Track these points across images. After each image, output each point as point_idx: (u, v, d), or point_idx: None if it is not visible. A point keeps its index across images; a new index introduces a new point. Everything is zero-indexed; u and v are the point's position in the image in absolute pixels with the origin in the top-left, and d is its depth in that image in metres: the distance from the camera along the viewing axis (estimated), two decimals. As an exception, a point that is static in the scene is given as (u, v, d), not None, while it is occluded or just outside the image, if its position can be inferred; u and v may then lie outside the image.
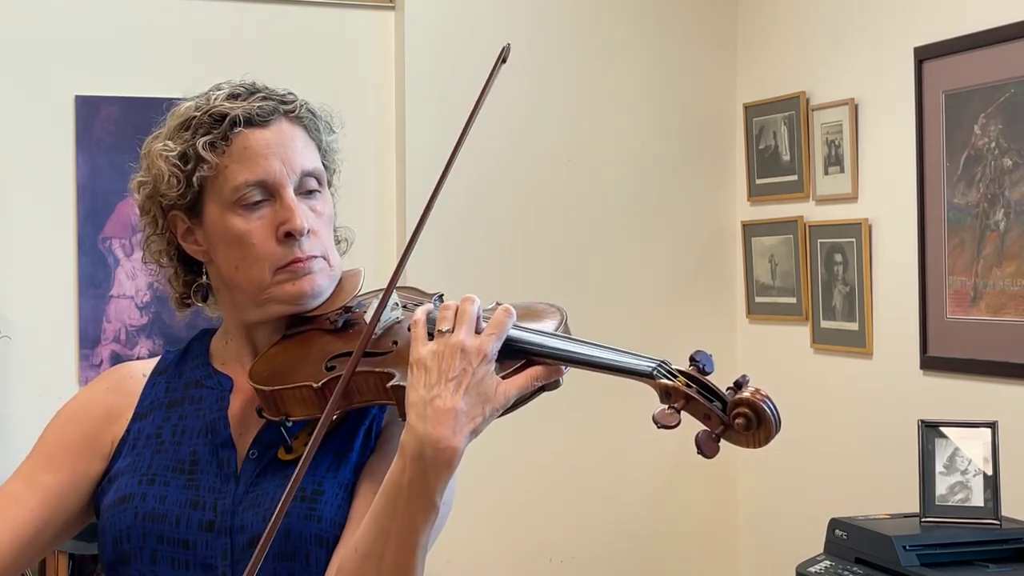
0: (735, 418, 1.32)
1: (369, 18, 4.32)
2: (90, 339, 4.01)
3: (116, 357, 4.00)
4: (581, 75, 4.43)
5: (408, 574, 1.39)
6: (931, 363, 3.71)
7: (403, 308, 1.55)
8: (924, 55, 3.70)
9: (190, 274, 1.62)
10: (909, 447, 3.33)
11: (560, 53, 4.41)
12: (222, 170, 1.53)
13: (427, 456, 1.35)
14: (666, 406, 1.34)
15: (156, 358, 1.68)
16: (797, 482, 4.27)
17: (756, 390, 1.32)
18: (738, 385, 1.34)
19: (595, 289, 4.42)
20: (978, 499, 3.09)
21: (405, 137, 4.23)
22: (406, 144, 4.22)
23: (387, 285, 1.45)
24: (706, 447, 1.32)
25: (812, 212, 4.19)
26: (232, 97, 1.57)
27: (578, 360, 1.40)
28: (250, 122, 1.54)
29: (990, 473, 3.09)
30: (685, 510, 4.53)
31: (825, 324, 4.14)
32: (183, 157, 1.54)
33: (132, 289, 4.05)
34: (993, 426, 3.11)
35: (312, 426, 1.50)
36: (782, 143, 4.30)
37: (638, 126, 4.49)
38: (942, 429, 3.15)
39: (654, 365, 1.36)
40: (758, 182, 4.43)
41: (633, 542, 4.48)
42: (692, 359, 1.36)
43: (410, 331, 1.43)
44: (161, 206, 1.58)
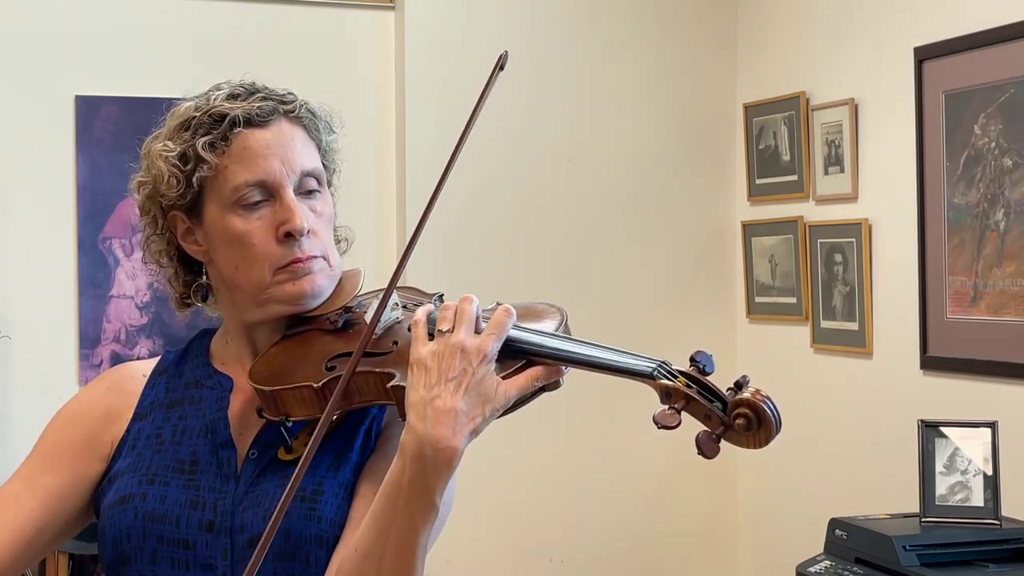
0: (735, 419, 1.32)
1: (369, 18, 4.31)
2: (90, 339, 4.01)
3: (116, 357, 4.00)
4: (581, 75, 4.43)
5: (408, 574, 1.39)
6: (931, 363, 3.71)
7: (403, 308, 1.54)
8: (924, 55, 3.70)
9: (190, 274, 1.62)
10: (909, 447, 3.33)
11: (560, 53, 4.41)
12: (222, 170, 1.53)
13: (427, 456, 1.35)
14: (666, 407, 1.34)
15: (156, 358, 1.68)
16: (797, 482, 4.27)
17: (756, 391, 1.32)
18: (738, 386, 1.34)
19: (595, 289, 4.42)
20: (978, 499, 3.09)
21: (405, 137, 4.23)
22: (406, 144, 4.22)
23: (387, 285, 1.45)
24: (706, 447, 1.32)
25: (812, 212, 4.19)
26: (232, 97, 1.57)
27: (578, 360, 1.40)
28: (250, 122, 1.54)
29: (990, 473, 3.09)
30: (685, 510, 4.53)
31: (825, 324, 4.14)
32: (183, 157, 1.54)
33: (132, 289, 4.05)
34: (993, 426, 3.11)
35: (312, 426, 1.50)
36: (782, 143, 4.30)
37: (638, 126, 4.49)
38: (942, 429, 3.15)
39: (654, 365, 1.36)
40: (758, 182, 4.43)
41: (633, 542, 4.48)
42: (692, 359, 1.36)
43: (410, 331, 1.43)
44: (161, 206, 1.58)
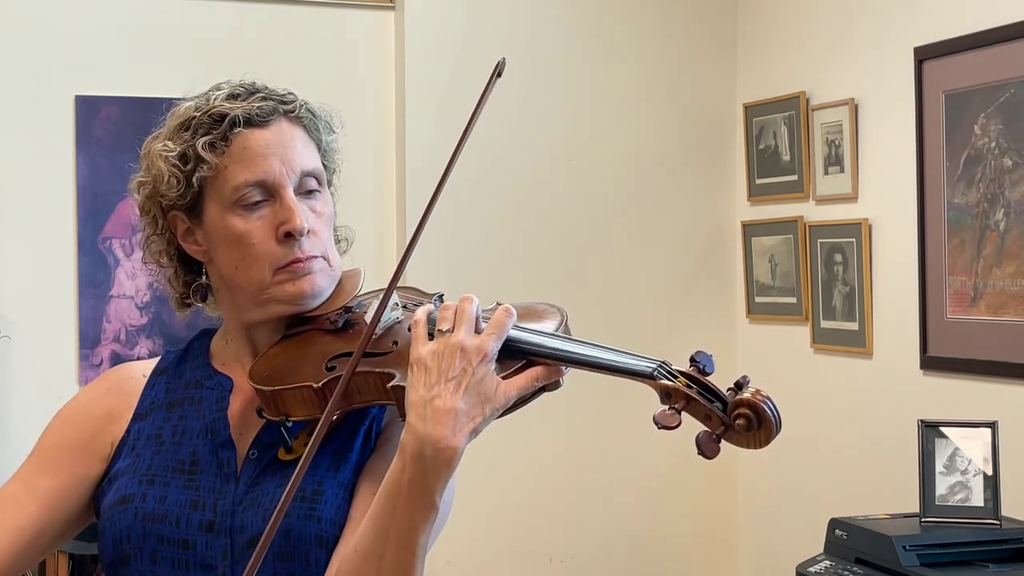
0: (736, 419, 1.32)
1: (369, 18, 4.31)
2: (90, 339, 4.01)
3: (116, 357, 4.00)
4: (581, 75, 4.43)
5: (408, 574, 1.39)
6: (931, 363, 3.70)
7: (403, 308, 1.54)
8: (924, 55, 3.70)
9: (190, 274, 1.62)
10: (909, 447, 3.33)
11: (560, 54, 4.41)
12: (222, 170, 1.53)
13: (427, 456, 1.35)
14: (667, 407, 1.34)
15: (156, 358, 1.68)
16: (797, 482, 4.27)
17: (757, 391, 1.32)
18: (739, 386, 1.33)
19: (595, 289, 4.41)
20: (978, 499, 3.09)
21: (405, 137, 4.23)
22: (406, 144, 4.22)
23: (387, 285, 1.45)
24: (707, 448, 1.32)
25: (812, 212, 4.19)
26: (232, 97, 1.56)
27: (578, 360, 1.40)
28: (250, 122, 1.54)
29: (990, 473, 3.09)
30: (685, 510, 4.53)
31: (825, 324, 4.14)
32: (183, 157, 1.54)
33: (132, 289, 4.05)
34: (993, 426, 3.11)
35: (312, 426, 1.50)
36: (782, 143, 4.30)
37: (638, 126, 4.49)
38: (942, 429, 3.15)
39: (654, 366, 1.36)
40: (758, 182, 4.43)
41: (633, 542, 4.48)
42: (692, 360, 1.36)
43: (410, 331, 1.43)
44: (161, 206, 1.58)
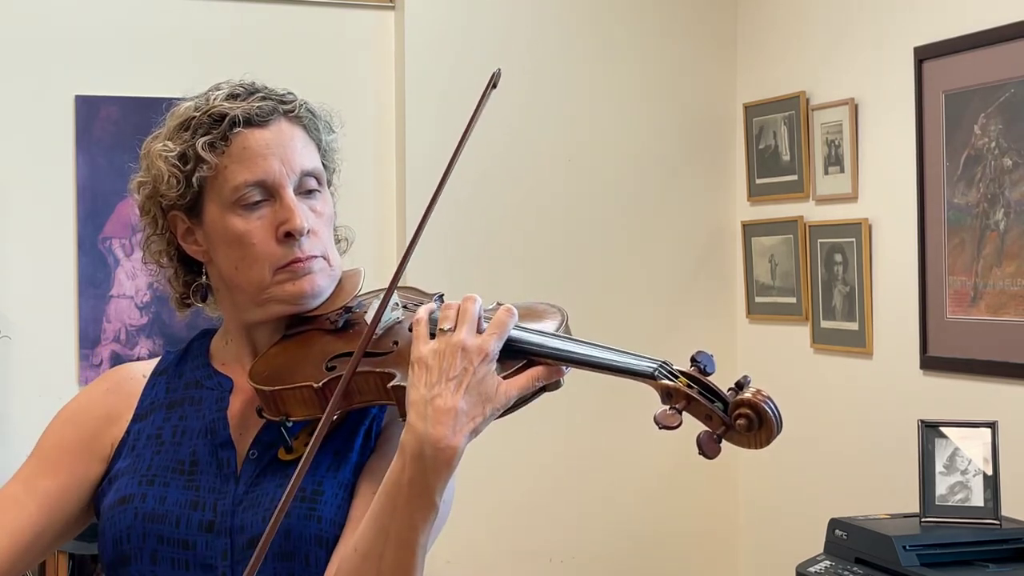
0: (736, 419, 1.32)
1: (369, 18, 4.31)
2: (90, 339, 4.01)
3: (116, 357, 4.00)
4: (581, 75, 4.43)
5: (408, 574, 1.39)
6: (931, 363, 3.70)
7: (404, 308, 1.54)
8: (924, 55, 3.70)
9: (190, 274, 1.62)
10: (909, 447, 3.33)
11: (560, 53, 4.41)
12: (222, 170, 1.53)
13: (427, 455, 1.35)
14: (667, 407, 1.34)
15: (156, 359, 1.68)
16: (797, 482, 4.27)
17: (757, 391, 1.32)
18: (739, 386, 1.33)
19: (595, 289, 4.41)
20: (978, 499, 3.09)
21: (405, 137, 4.23)
22: (406, 144, 4.22)
23: (388, 285, 1.44)
24: (707, 448, 1.32)
25: (812, 212, 4.19)
26: (231, 97, 1.56)
27: (579, 360, 1.40)
28: (249, 122, 1.54)
29: (990, 473, 3.08)
30: (685, 510, 4.53)
31: (825, 324, 4.13)
32: (182, 157, 1.54)
33: (132, 289, 4.05)
34: (993, 426, 3.11)
35: (312, 426, 1.50)
36: (782, 143, 4.30)
37: (638, 126, 4.49)
38: (942, 429, 3.15)
39: (655, 366, 1.36)
40: (758, 182, 4.43)
41: (633, 542, 4.48)
42: (693, 360, 1.36)
43: (411, 330, 1.43)
44: (161, 206, 1.58)
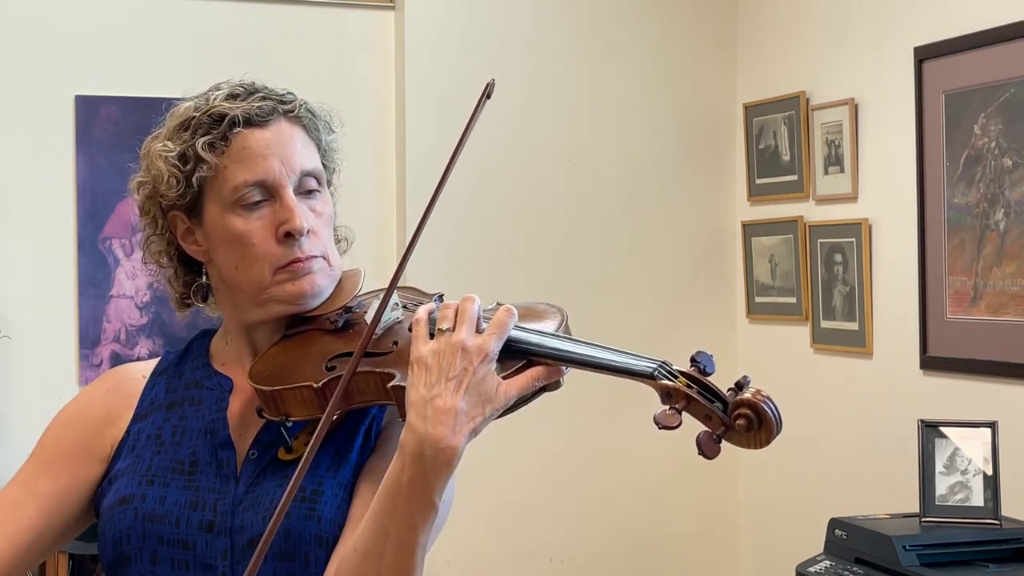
0: (736, 419, 1.32)
1: (369, 18, 4.31)
2: (90, 339, 4.01)
3: (116, 357, 4.00)
4: (581, 75, 4.43)
5: (407, 574, 1.39)
6: (931, 363, 3.70)
7: (403, 308, 1.54)
8: (924, 55, 3.70)
9: (190, 274, 1.62)
10: (909, 447, 3.33)
11: (560, 53, 4.41)
12: (221, 170, 1.53)
13: (427, 455, 1.35)
14: (667, 407, 1.34)
15: (156, 359, 1.68)
16: (797, 482, 4.27)
17: (757, 391, 1.32)
18: (739, 386, 1.33)
19: (595, 289, 4.41)
20: (978, 499, 3.09)
21: (405, 137, 4.23)
22: (406, 144, 4.22)
23: (388, 285, 1.44)
24: (707, 448, 1.32)
25: (812, 212, 4.19)
26: (231, 97, 1.56)
27: (579, 361, 1.40)
28: (249, 122, 1.54)
29: (990, 473, 3.08)
30: (685, 510, 4.53)
31: (825, 324, 4.13)
32: (182, 157, 1.54)
33: (132, 289, 4.05)
34: (993, 426, 3.11)
35: (312, 426, 1.50)
36: (782, 143, 4.30)
37: (638, 126, 4.49)
38: (942, 429, 3.15)
39: (655, 366, 1.36)
40: (758, 182, 4.43)
41: (633, 542, 4.48)
42: (693, 360, 1.36)
43: (411, 330, 1.43)
44: (161, 206, 1.58)
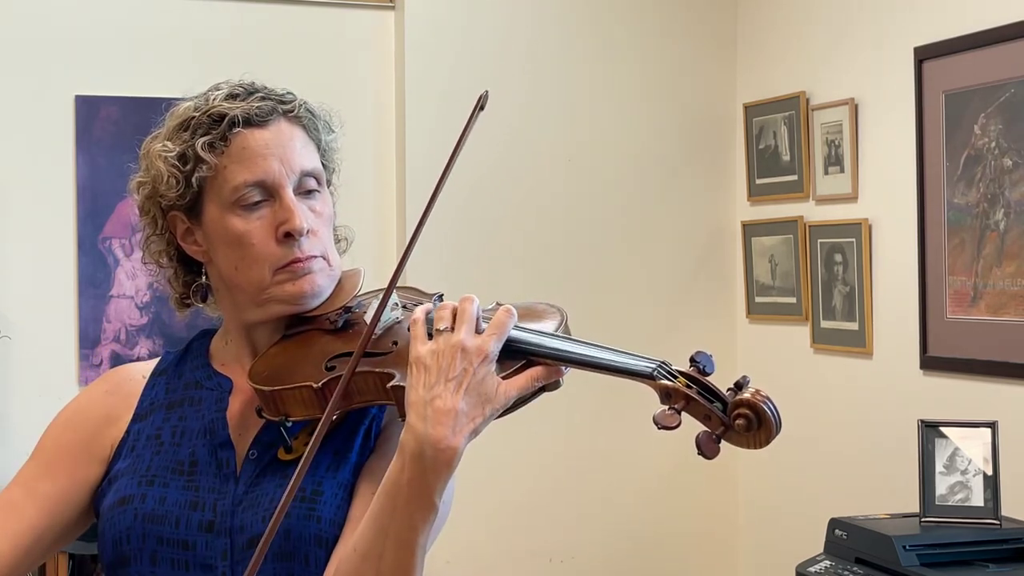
0: (736, 419, 1.32)
1: (369, 18, 4.31)
2: (90, 339, 4.01)
3: (116, 357, 4.00)
4: (581, 75, 4.43)
5: (407, 574, 1.39)
6: (931, 363, 3.70)
7: (403, 308, 1.54)
8: (924, 55, 3.70)
9: (190, 274, 1.62)
10: (909, 447, 3.33)
11: (560, 53, 4.41)
12: (221, 170, 1.53)
13: (427, 456, 1.35)
14: (667, 407, 1.34)
15: (156, 359, 1.68)
16: (797, 482, 4.27)
17: (757, 391, 1.32)
18: (739, 386, 1.33)
19: (595, 289, 4.41)
20: (978, 499, 3.09)
21: (405, 137, 4.23)
22: (406, 144, 4.22)
23: (387, 285, 1.44)
24: (707, 448, 1.32)
25: (812, 212, 4.19)
26: (231, 97, 1.56)
27: (578, 361, 1.40)
28: (249, 122, 1.54)
29: (990, 473, 3.08)
30: (685, 510, 4.53)
31: (825, 324, 4.13)
32: (182, 158, 1.54)
33: (132, 289, 4.05)
34: (993, 426, 3.11)
35: (312, 426, 1.50)
36: (782, 143, 4.30)
37: (638, 126, 4.49)
38: (942, 429, 3.15)
39: (654, 366, 1.36)
40: (758, 182, 4.43)
41: (633, 542, 4.48)
42: (692, 360, 1.36)
43: (410, 331, 1.43)
44: (160, 206, 1.58)
